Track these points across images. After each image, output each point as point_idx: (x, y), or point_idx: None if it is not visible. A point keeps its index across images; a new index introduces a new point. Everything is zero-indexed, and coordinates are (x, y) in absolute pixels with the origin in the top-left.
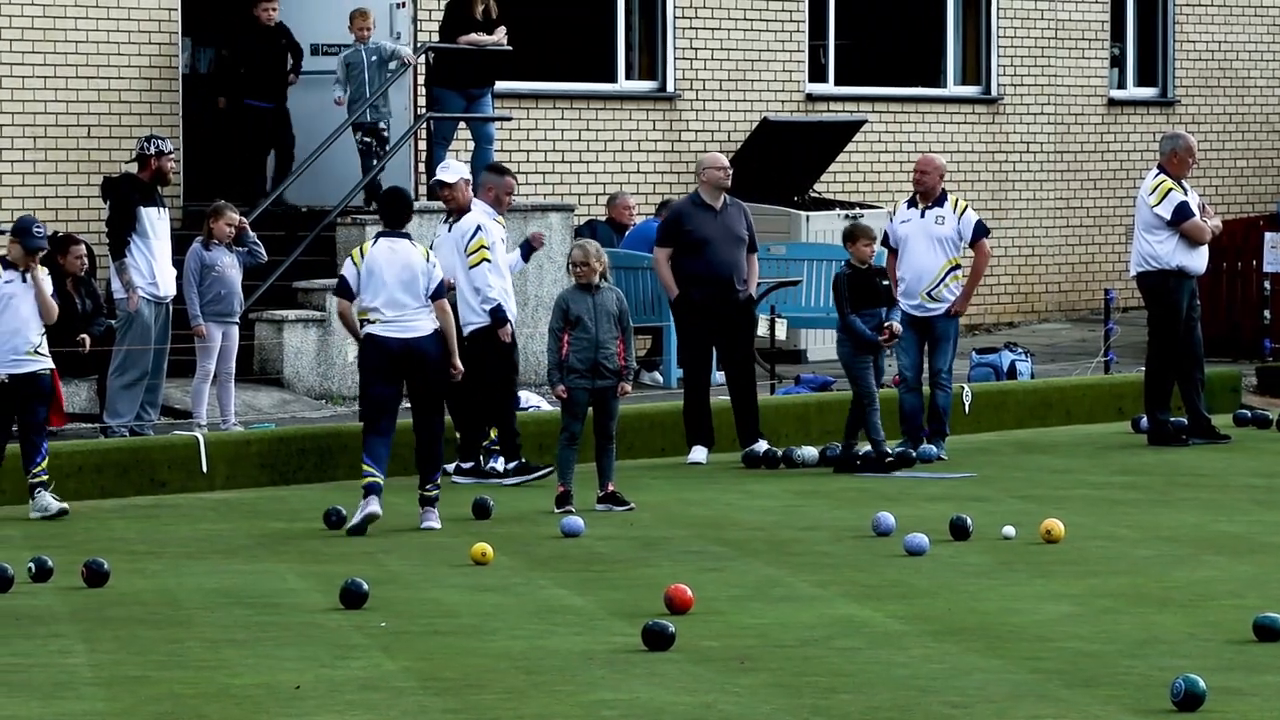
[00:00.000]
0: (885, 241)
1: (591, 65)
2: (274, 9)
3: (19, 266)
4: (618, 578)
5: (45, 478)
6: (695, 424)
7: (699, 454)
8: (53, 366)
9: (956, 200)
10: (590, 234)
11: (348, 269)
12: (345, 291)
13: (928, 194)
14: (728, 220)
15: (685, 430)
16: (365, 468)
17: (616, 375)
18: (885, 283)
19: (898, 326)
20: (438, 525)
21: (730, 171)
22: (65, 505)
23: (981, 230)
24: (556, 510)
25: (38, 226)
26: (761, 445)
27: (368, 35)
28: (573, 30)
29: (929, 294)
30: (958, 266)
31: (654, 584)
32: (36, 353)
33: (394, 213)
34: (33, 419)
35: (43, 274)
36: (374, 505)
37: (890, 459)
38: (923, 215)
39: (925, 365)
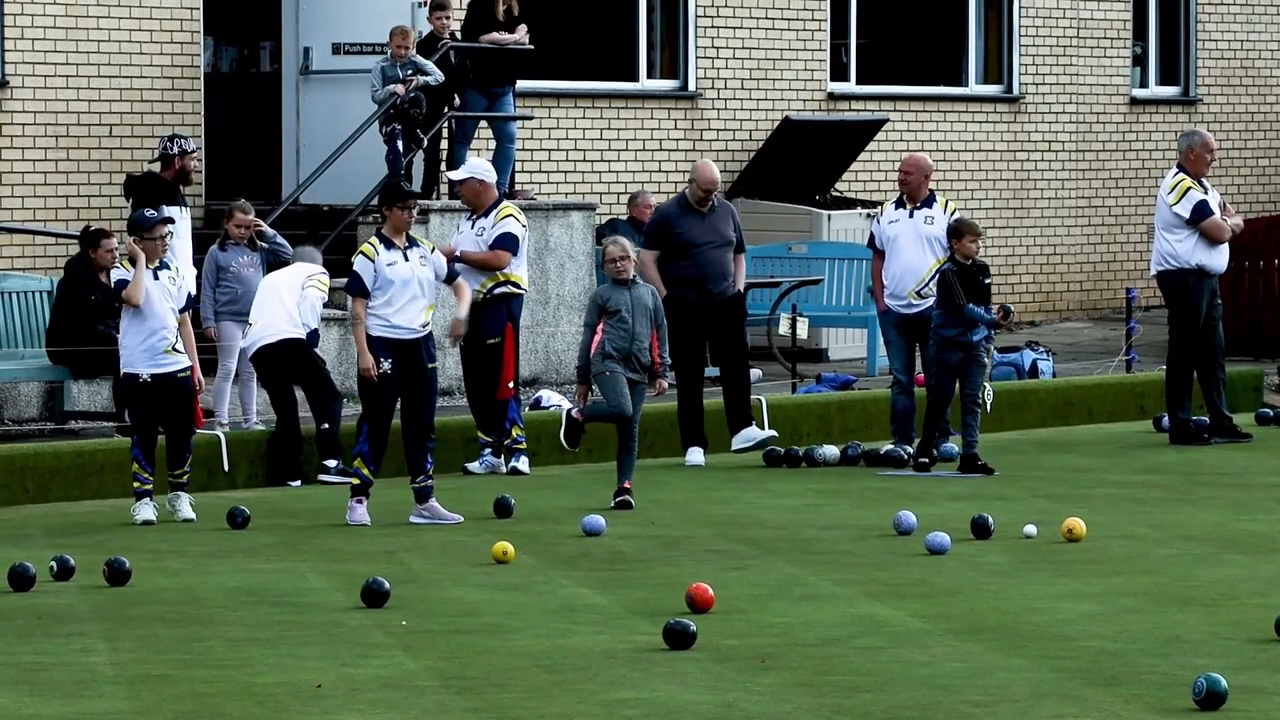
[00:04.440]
0: (871, 243)
1: (613, 64)
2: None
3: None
4: (639, 576)
5: (187, 477)
6: (690, 426)
7: (696, 455)
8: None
9: (946, 202)
10: (612, 233)
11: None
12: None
13: (913, 194)
14: (715, 222)
15: (680, 432)
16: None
17: (647, 372)
18: (988, 280)
19: (1012, 309)
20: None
21: (708, 187)
22: (194, 516)
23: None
24: (613, 503)
25: (149, 212)
26: (756, 433)
27: (404, 54)
28: (594, 29)
29: (917, 293)
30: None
31: (675, 583)
32: (174, 349)
33: None
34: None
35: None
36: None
37: (983, 462)
38: (911, 215)
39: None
